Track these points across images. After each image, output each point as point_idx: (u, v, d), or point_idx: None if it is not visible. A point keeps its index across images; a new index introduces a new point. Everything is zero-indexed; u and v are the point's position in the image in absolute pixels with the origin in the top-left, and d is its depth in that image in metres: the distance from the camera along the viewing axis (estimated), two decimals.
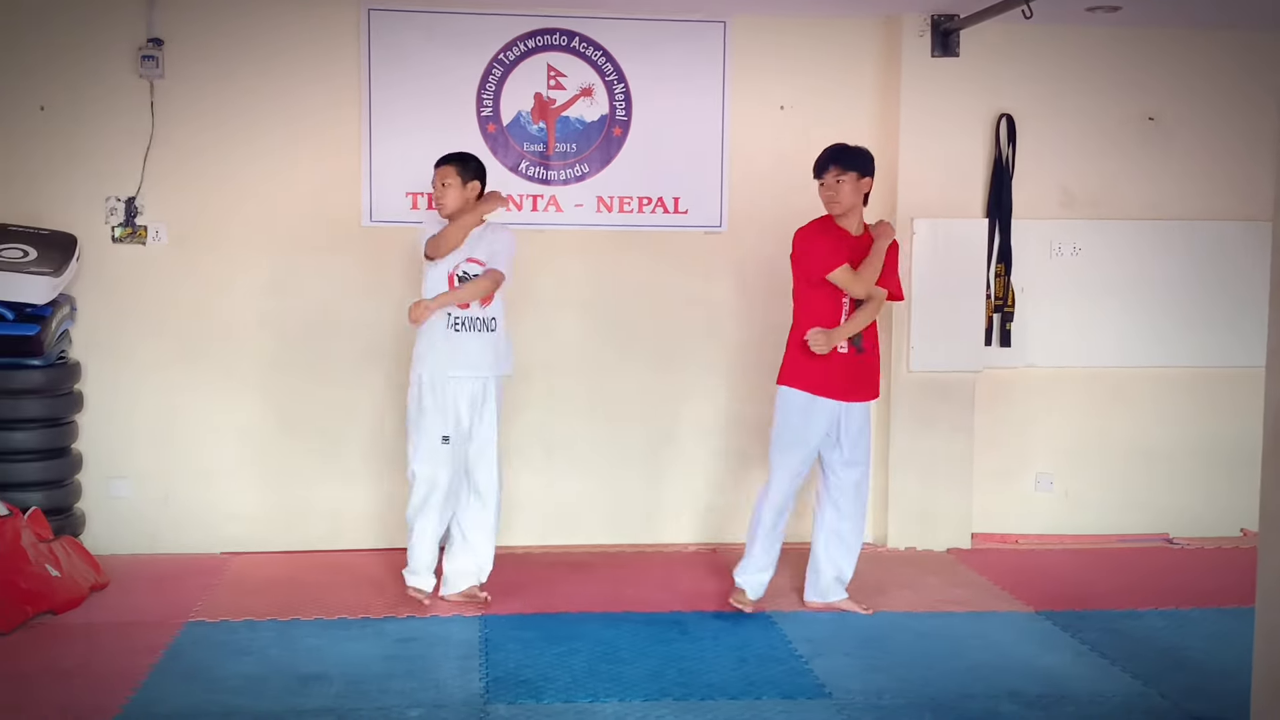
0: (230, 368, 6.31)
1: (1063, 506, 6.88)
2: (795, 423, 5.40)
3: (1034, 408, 6.84)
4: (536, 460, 6.53)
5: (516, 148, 6.40)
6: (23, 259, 5.80)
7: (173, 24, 6.13)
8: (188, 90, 6.17)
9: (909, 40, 6.40)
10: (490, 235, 5.48)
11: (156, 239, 6.22)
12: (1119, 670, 4.86)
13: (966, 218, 6.53)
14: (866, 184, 5.36)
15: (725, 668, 4.84)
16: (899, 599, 5.75)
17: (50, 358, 5.90)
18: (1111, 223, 6.77)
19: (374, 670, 4.75)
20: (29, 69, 6.08)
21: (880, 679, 4.74)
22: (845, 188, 5.30)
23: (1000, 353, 6.70)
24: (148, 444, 6.30)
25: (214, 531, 6.34)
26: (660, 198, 6.49)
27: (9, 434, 5.83)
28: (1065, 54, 6.69)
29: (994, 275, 6.65)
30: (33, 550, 5.37)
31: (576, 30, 6.38)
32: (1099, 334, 6.81)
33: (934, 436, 6.55)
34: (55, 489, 5.97)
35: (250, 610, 5.41)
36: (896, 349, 6.51)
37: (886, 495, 6.61)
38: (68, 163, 6.13)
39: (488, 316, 5.43)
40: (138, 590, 5.69)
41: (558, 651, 4.97)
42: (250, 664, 4.79)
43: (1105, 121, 6.78)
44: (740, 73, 6.49)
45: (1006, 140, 6.67)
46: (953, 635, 5.26)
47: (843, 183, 5.30)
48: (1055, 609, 5.60)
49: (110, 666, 4.75)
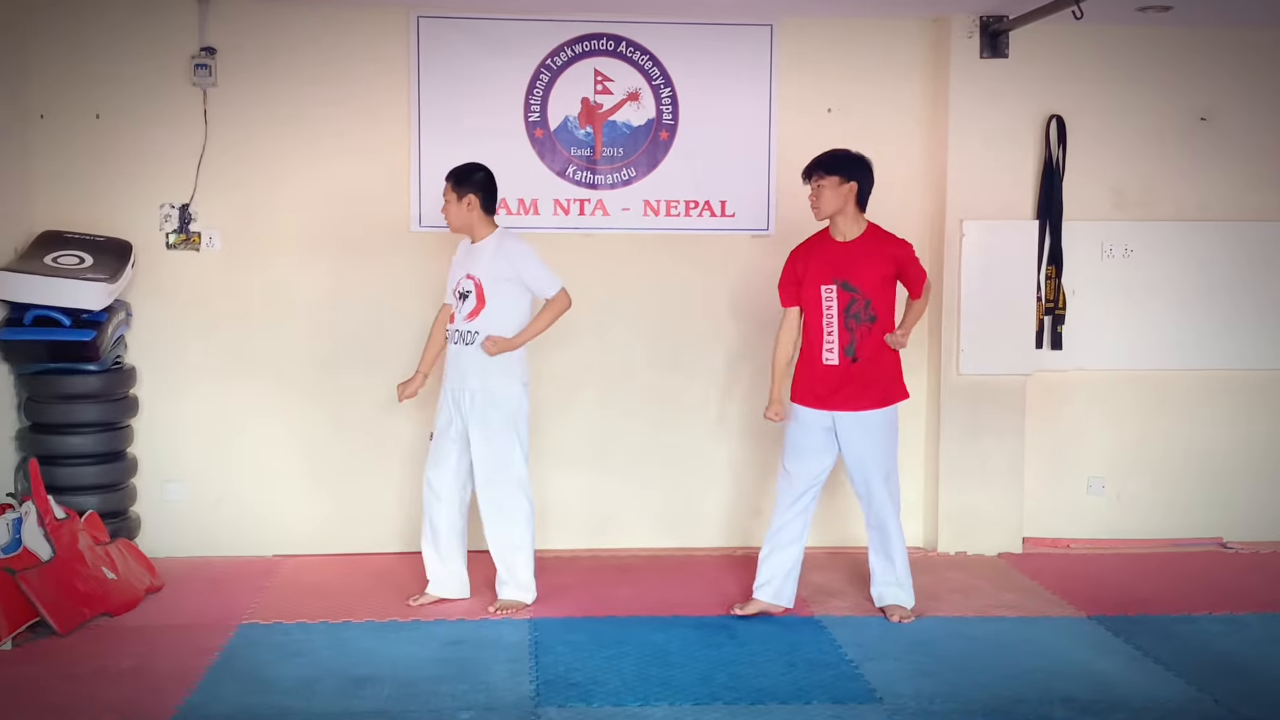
0: (282, 372, 6.38)
1: (1115, 510, 6.82)
2: (791, 431, 5.48)
3: (1085, 411, 6.79)
4: (584, 463, 6.55)
5: (564, 152, 6.42)
6: (79, 266, 5.88)
7: (225, 32, 6.20)
8: (240, 97, 6.24)
9: (958, 41, 6.37)
10: (502, 252, 5.49)
11: (210, 245, 6.29)
12: (1173, 676, 4.81)
13: (1017, 219, 6.49)
14: (850, 188, 5.31)
15: (775, 672, 4.84)
16: (950, 604, 5.72)
17: (106, 363, 5.98)
18: (1163, 224, 6.71)
19: (425, 673, 4.79)
20: (85, 79, 6.16)
21: (931, 684, 4.72)
22: (825, 193, 5.31)
23: (1051, 355, 6.65)
24: (201, 448, 6.38)
25: (266, 534, 6.41)
26: (707, 201, 6.49)
27: (66, 438, 5.92)
28: (1116, 54, 6.64)
29: (1045, 277, 6.60)
30: (90, 553, 5.45)
31: (623, 35, 6.40)
32: (1151, 336, 6.74)
33: (984, 440, 6.51)
34: (111, 493, 6.04)
35: (303, 613, 5.46)
36: (946, 352, 6.48)
37: (937, 499, 6.57)
38: (123, 170, 6.22)
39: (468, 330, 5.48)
40: (192, 593, 5.76)
41: (607, 655, 4.99)
42: (303, 666, 4.84)
43: (1156, 122, 6.72)
44: (787, 75, 6.48)
45: (1057, 141, 6.62)
46: (1004, 640, 5.23)
47: (822, 188, 5.31)
48: (1108, 614, 5.55)
49: (166, 668, 4.81)
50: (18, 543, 5.18)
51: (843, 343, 5.31)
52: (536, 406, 6.22)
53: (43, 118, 6.16)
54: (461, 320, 5.49)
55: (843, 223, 5.35)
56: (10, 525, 5.21)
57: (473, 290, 5.47)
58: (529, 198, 6.40)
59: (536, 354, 6.27)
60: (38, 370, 5.92)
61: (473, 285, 5.47)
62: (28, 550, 5.18)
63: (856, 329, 5.30)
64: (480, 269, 5.47)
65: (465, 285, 5.50)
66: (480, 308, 5.45)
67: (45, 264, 5.85)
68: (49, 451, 5.86)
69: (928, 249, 6.61)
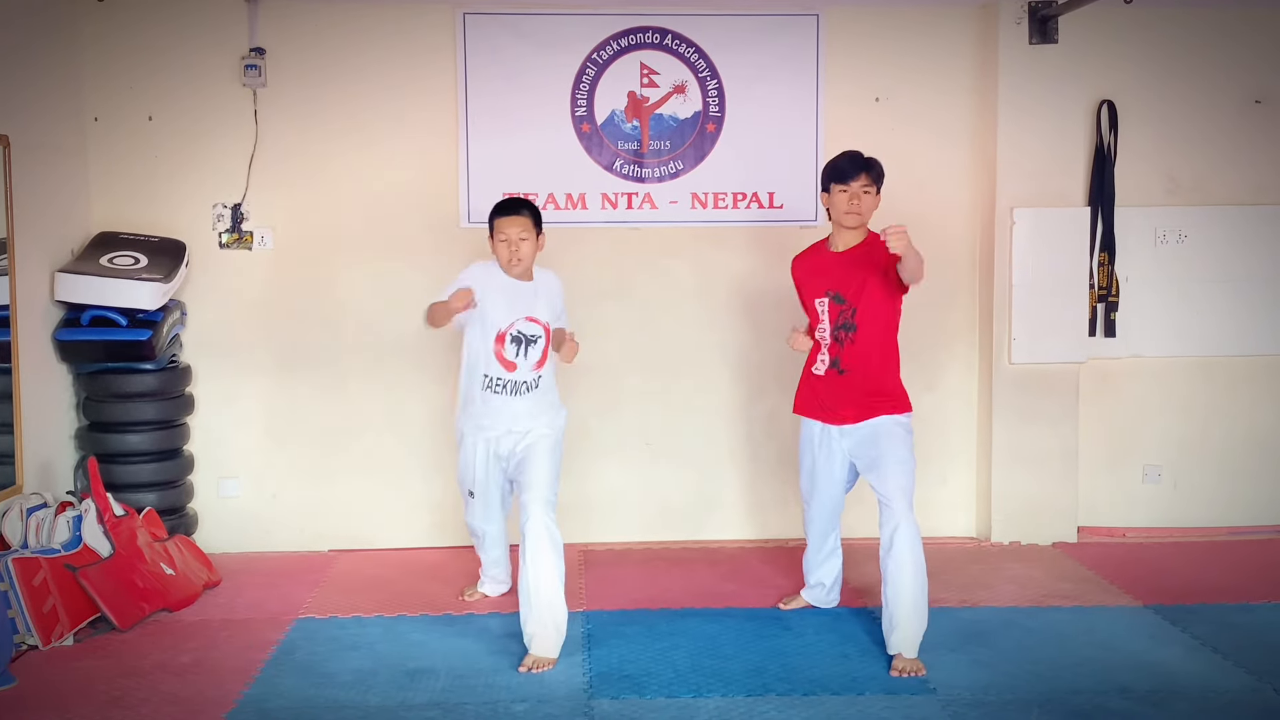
0: (334, 368, 6.43)
1: (1171, 498, 6.75)
2: (801, 444, 5.35)
3: (1140, 398, 6.71)
4: (632, 456, 6.56)
5: (611, 146, 6.43)
6: (134, 266, 5.96)
7: (274, 33, 6.26)
8: (289, 97, 6.29)
9: (1006, 27, 6.31)
10: (552, 291, 5.17)
11: (262, 244, 6.35)
12: (1231, 665, 4.76)
13: (1068, 206, 6.43)
14: (879, 201, 5.07)
15: (828, 663, 4.83)
16: (1004, 593, 5.69)
17: (162, 362, 6.06)
18: (1218, 208, 6.62)
19: (479, 665, 4.82)
20: (137, 81, 6.24)
21: (986, 675, 4.69)
22: (869, 200, 5.00)
23: (1105, 343, 6.59)
24: (256, 444, 6.45)
25: (321, 529, 6.47)
26: (755, 193, 6.48)
27: (124, 436, 6.00)
28: (1167, 37, 6.56)
29: (1097, 264, 6.53)
30: (149, 550, 5.53)
31: (669, 28, 6.39)
32: (1206, 322, 6.66)
33: (1037, 429, 6.46)
34: (169, 489, 6.12)
35: (358, 607, 5.51)
36: (998, 341, 6.43)
37: (990, 489, 6.53)
38: (176, 171, 6.29)
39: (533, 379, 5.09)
40: (249, 587, 5.83)
41: (660, 647, 5.00)
42: (359, 659, 4.89)
43: (1210, 105, 6.63)
44: (834, 65, 6.46)
45: (1108, 127, 6.54)
46: (1059, 630, 5.20)
47: (868, 194, 4.99)
48: (1165, 603, 5.50)
49: (225, 661, 4.87)
50: (78, 540, 5.26)
51: (832, 355, 5.08)
52: (584, 399, 6.27)
53: (96, 120, 6.24)
54: (528, 370, 5.03)
55: (851, 234, 5.07)
56: (71, 523, 5.30)
57: (542, 336, 5.06)
58: (576, 192, 6.41)
59: (583, 349, 6.33)
60: (95, 370, 6.00)
61: (542, 331, 5.06)
62: (88, 547, 5.27)
63: (845, 341, 5.04)
64: (541, 312, 5.08)
65: (530, 330, 5.04)
66: (546, 355, 5.10)
67: (101, 265, 5.93)
68: (107, 450, 5.95)
69: (979, 237, 6.57)
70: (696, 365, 6.57)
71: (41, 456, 5.76)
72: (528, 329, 5.03)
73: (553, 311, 5.14)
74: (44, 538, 5.27)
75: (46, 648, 4.93)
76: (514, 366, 5.03)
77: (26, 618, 4.91)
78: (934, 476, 6.63)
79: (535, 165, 6.37)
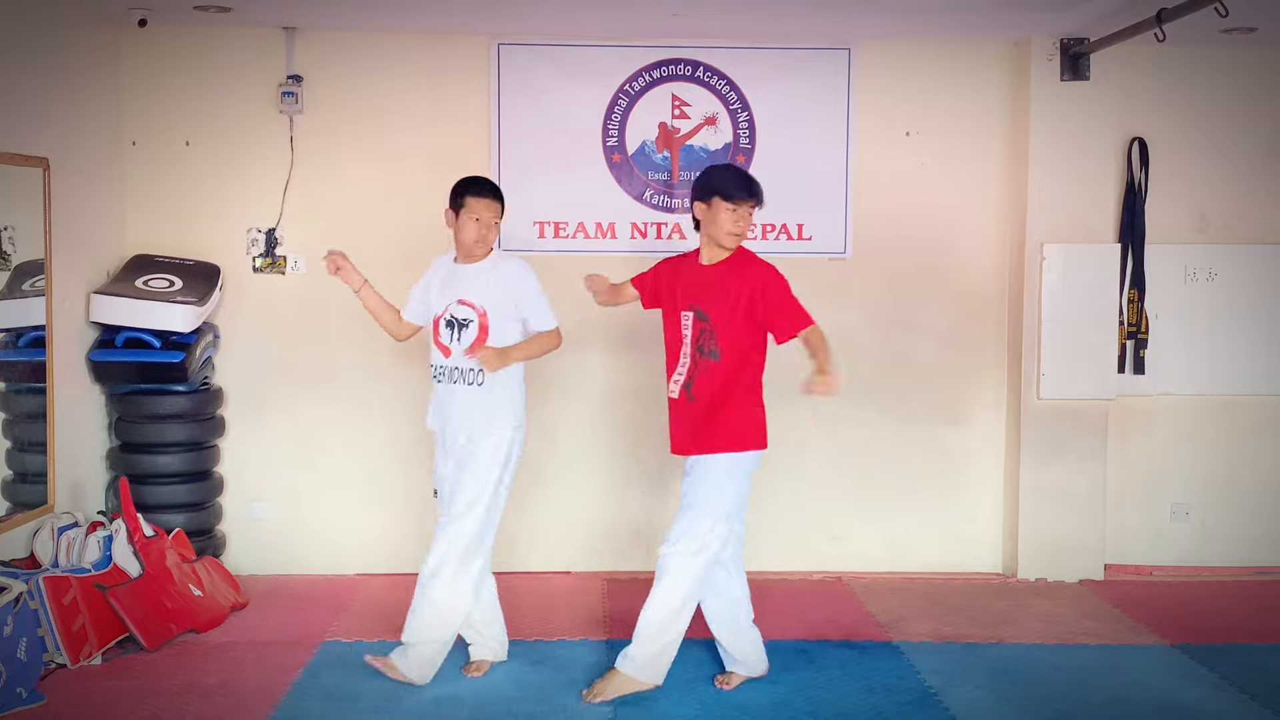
0: (364, 393, 6.47)
1: (1199, 537, 6.71)
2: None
3: (1170, 436, 6.69)
4: (652, 486, 6.55)
5: (641, 176, 6.47)
6: (169, 289, 6.02)
7: (311, 61, 6.33)
8: (325, 124, 6.36)
9: (1038, 64, 6.33)
10: (503, 275, 4.88)
11: (295, 268, 6.41)
12: (1259, 706, 4.74)
13: (1098, 243, 6.42)
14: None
15: (853, 697, 4.82)
16: (1030, 631, 5.66)
17: (194, 384, 6.11)
18: (1248, 247, 6.61)
19: (504, 693, 4.83)
20: (176, 107, 6.32)
21: (1013, 713, 4.68)
22: (748, 223, 4.84)
23: (1134, 380, 6.57)
24: (286, 468, 6.49)
25: (349, 553, 6.50)
26: (784, 224, 6.50)
27: (155, 457, 6.05)
28: (1200, 75, 6.56)
29: (1127, 301, 6.53)
30: (177, 571, 5.57)
31: (700, 60, 6.44)
32: (1236, 361, 6.64)
33: (1065, 465, 6.44)
34: (198, 511, 6.17)
35: (384, 631, 5.52)
36: (1027, 377, 6.42)
37: (1018, 524, 6.50)
38: (212, 196, 6.36)
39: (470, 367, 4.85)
40: (276, 610, 5.86)
41: (686, 678, 4.98)
42: (385, 684, 4.89)
43: (1241, 144, 6.63)
44: (865, 99, 6.49)
45: (1139, 164, 6.55)
46: (1087, 668, 5.17)
47: (752, 213, 4.85)
48: (1192, 642, 5.47)
49: (251, 684, 4.90)
50: (108, 559, 5.31)
51: (688, 375, 4.76)
52: (608, 434, 6.27)
53: (135, 144, 6.32)
54: (462, 356, 4.83)
55: (722, 249, 4.82)
56: (101, 542, 5.34)
57: (474, 320, 4.84)
58: (606, 222, 6.45)
59: (612, 368, 6.33)
60: (128, 391, 6.06)
61: (474, 314, 4.83)
62: (118, 567, 5.32)
63: (699, 363, 4.74)
64: (477, 295, 4.85)
65: (461, 313, 4.85)
66: (483, 339, 4.85)
67: (136, 287, 6.00)
68: (138, 470, 6.00)
69: (1009, 273, 6.57)
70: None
71: (73, 476, 5.82)
72: (459, 311, 4.85)
73: (503, 300, 4.85)
74: (74, 557, 5.32)
75: (75, 666, 4.96)
76: (448, 351, 4.87)
77: (56, 636, 4.95)
78: (962, 512, 6.63)
79: (566, 194, 6.41)
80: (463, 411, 4.87)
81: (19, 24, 5.38)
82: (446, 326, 4.89)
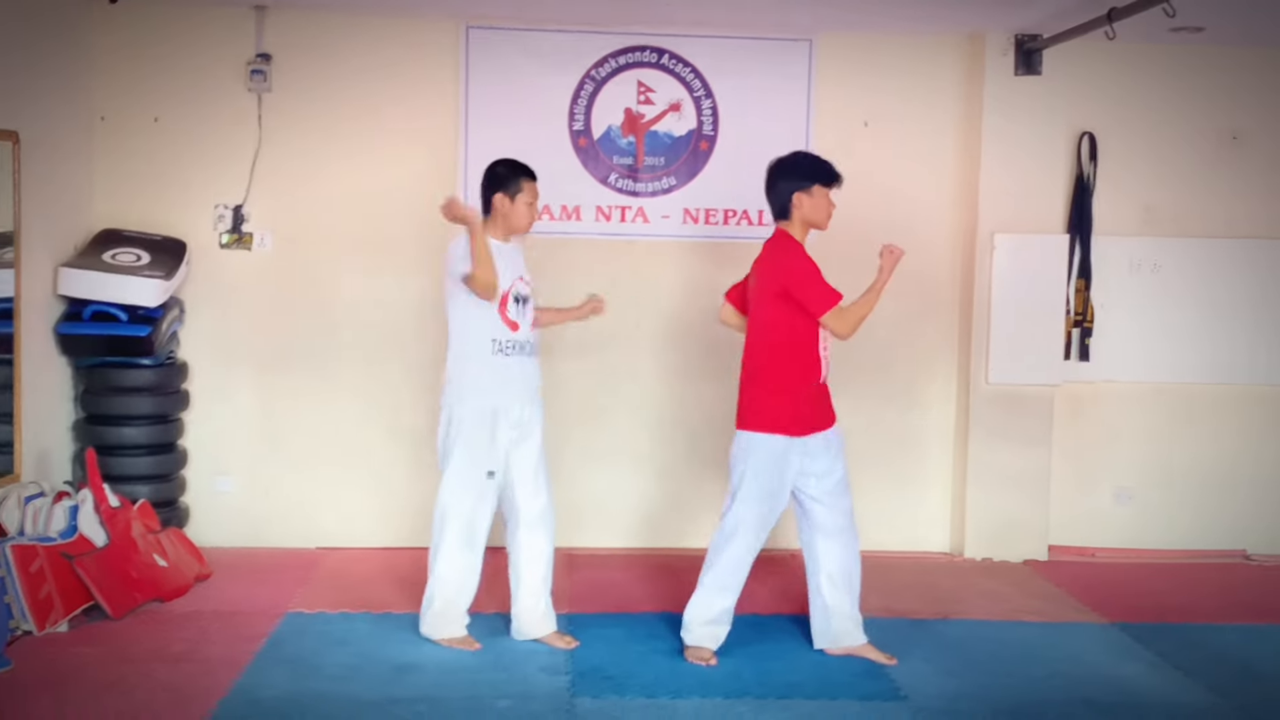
0: (330, 369, 6.55)
1: (1140, 520, 6.91)
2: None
3: (1112, 422, 6.88)
4: (622, 466, 6.70)
5: (606, 160, 6.58)
6: (136, 263, 6.07)
7: (280, 40, 6.39)
8: (293, 103, 6.42)
9: (992, 58, 6.49)
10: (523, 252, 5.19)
11: (261, 245, 6.47)
12: (1194, 682, 4.91)
13: (1047, 233, 6.60)
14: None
15: (804, 669, 4.96)
16: (976, 608, 5.83)
17: (160, 358, 6.17)
18: (1192, 240, 6.80)
19: (465, 662, 4.94)
20: (145, 83, 6.36)
21: (956, 684, 4.83)
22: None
23: (1079, 367, 6.75)
24: (250, 442, 6.56)
25: (311, 527, 6.58)
26: (745, 210, 6.63)
27: (121, 429, 6.11)
28: (1149, 72, 6.74)
29: (1074, 290, 6.70)
30: (142, 541, 5.64)
31: (666, 48, 6.55)
32: (1179, 350, 6.83)
33: (1011, 449, 6.62)
34: (163, 483, 6.23)
35: (346, 603, 5.62)
36: (976, 361, 6.59)
37: (965, 505, 6.69)
38: (180, 172, 6.41)
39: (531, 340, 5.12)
40: (239, 581, 5.93)
41: (641, 650, 5.12)
42: (347, 654, 4.99)
43: (1188, 139, 6.81)
44: (825, 89, 6.62)
45: (1089, 157, 6.72)
46: (1029, 644, 5.34)
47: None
48: (1131, 621, 5.65)
49: (216, 652, 4.97)
50: (74, 529, 5.37)
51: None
52: (571, 407, 6.40)
53: (103, 120, 6.36)
54: (527, 330, 5.07)
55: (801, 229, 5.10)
56: (68, 512, 5.40)
57: (532, 296, 5.12)
58: (571, 204, 6.56)
59: (574, 357, 6.45)
60: (95, 363, 6.11)
61: (530, 291, 5.12)
62: (83, 536, 5.38)
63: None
64: (528, 272, 5.14)
65: (524, 290, 5.07)
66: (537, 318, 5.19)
67: (104, 261, 6.05)
68: (104, 442, 6.04)
69: (960, 260, 6.73)
70: (683, 377, 6.70)
71: (40, 446, 5.87)
72: (523, 289, 5.05)
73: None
74: (41, 526, 5.37)
75: (41, 633, 5.03)
76: (517, 326, 5.01)
77: (22, 603, 5.01)
78: (912, 493, 6.80)
79: None
80: (523, 380, 5.06)
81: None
82: (515, 302, 5.01)
